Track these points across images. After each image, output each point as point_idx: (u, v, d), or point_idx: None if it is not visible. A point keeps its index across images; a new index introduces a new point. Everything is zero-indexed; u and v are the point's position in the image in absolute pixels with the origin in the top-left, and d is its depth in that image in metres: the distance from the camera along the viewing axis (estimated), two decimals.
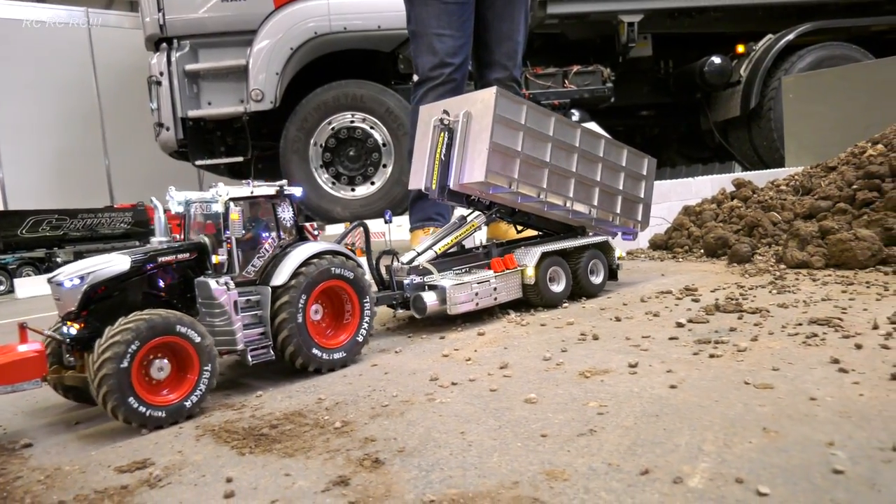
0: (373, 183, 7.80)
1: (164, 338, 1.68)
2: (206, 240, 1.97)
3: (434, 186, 2.71)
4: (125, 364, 1.61)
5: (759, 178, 4.73)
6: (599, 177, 3.01)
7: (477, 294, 2.52)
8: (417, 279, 2.53)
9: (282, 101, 7.55)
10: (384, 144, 7.74)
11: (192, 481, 1.38)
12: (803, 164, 4.93)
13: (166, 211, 2.05)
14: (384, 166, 7.81)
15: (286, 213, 2.09)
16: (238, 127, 7.81)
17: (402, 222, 5.69)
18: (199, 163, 7.91)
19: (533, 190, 2.79)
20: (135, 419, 1.65)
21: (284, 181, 2.09)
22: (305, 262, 2.00)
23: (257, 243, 2.00)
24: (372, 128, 7.69)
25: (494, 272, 2.60)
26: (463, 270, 2.67)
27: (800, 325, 2.13)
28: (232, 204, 1.90)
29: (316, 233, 2.18)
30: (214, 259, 1.91)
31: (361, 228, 2.50)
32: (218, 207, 1.92)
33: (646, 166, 3.24)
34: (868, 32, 8.96)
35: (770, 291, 2.67)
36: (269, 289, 1.96)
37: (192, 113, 7.57)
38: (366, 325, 2.15)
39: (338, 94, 7.58)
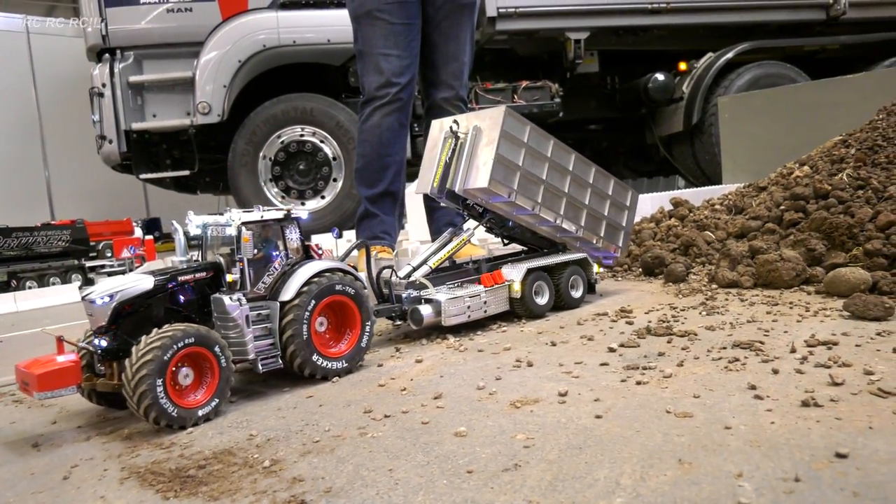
0: (323, 197, 7.77)
1: (197, 348, 1.91)
2: (222, 259, 2.16)
3: (436, 185, 2.96)
4: (164, 361, 1.82)
5: (697, 196, 4.88)
6: (588, 200, 3.26)
7: (469, 307, 2.72)
8: (414, 293, 2.72)
9: (230, 114, 7.45)
10: (334, 158, 7.71)
11: None
12: (739, 182, 5.12)
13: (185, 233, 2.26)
14: (334, 180, 7.78)
15: (293, 234, 2.26)
16: (184, 140, 7.67)
17: (352, 237, 5.67)
18: (143, 176, 7.75)
19: (528, 203, 3.01)
20: (164, 419, 1.84)
21: (292, 205, 2.21)
22: (310, 280, 2.18)
23: (267, 262, 2.19)
24: (322, 141, 7.66)
25: (485, 287, 2.81)
26: (456, 285, 2.87)
27: (724, 348, 2.22)
28: (244, 228, 2.08)
29: (321, 252, 2.35)
30: (228, 278, 2.10)
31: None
32: (231, 231, 2.09)
33: (629, 198, 3.49)
34: (802, 52, 9.38)
35: (700, 313, 2.76)
36: (278, 304, 2.14)
37: (137, 125, 7.41)
38: (367, 336, 2.34)
39: (287, 108, 7.53)
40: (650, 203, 5.01)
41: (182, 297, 2.11)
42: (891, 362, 1.92)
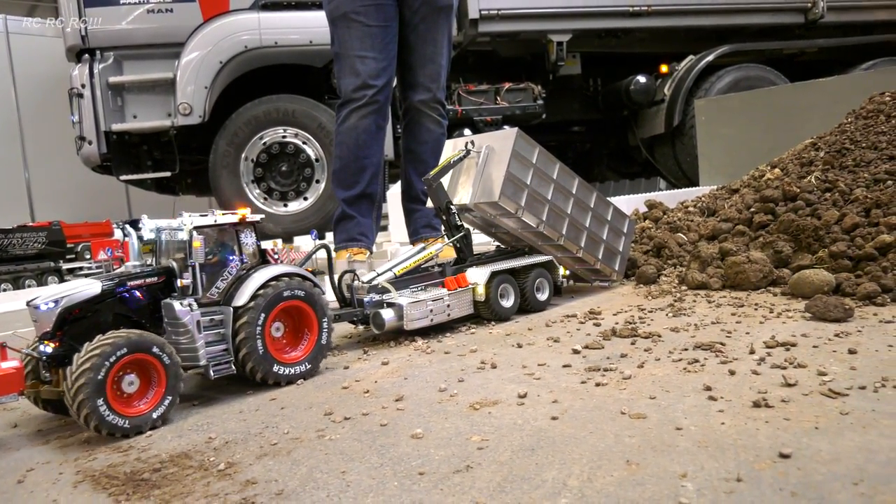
0: (305, 198, 7.75)
1: (138, 355, 1.88)
2: (175, 264, 2.13)
3: (433, 174, 3.03)
4: (101, 376, 1.79)
5: (672, 198, 4.92)
6: (588, 223, 3.34)
7: (432, 311, 2.72)
8: (377, 297, 2.71)
9: (211, 115, 7.42)
10: (317, 160, 7.71)
11: None
12: (716, 184, 5.17)
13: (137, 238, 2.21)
14: (317, 182, 7.77)
15: (249, 239, 2.24)
16: (165, 141, 7.63)
17: (332, 239, 5.67)
18: (123, 178, 7.70)
19: (534, 220, 3.09)
20: (105, 428, 1.82)
21: (248, 209, 2.23)
22: (265, 284, 2.15)
23: (222, 267, 2.17)
24: (304, 143, 7.65)
25: (448, 290, 2.81)
26: (419, 288, 2.87)
27: (685, 350, 2.24)
28: (195, 232, 2.05)
29: (276, 256, 2.34)
30: (179, 282, 2.07)
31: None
32: (184, 235, 2.06)
33: (626, 225, 3.57)
34: (781, 55, 9.49)
35: (667, 314, 2.79)
36: (231, 309, 2.11)
37: (116, 126, 7.36)
38: (324, 340, 2.32)
39: (269, 109, 7.51)
40: (626, 205, 5.03)
41: (132, 303, 2.08)
42: (844, 363, 1.95)
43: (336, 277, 2.76)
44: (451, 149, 3.28)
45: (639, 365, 2.11)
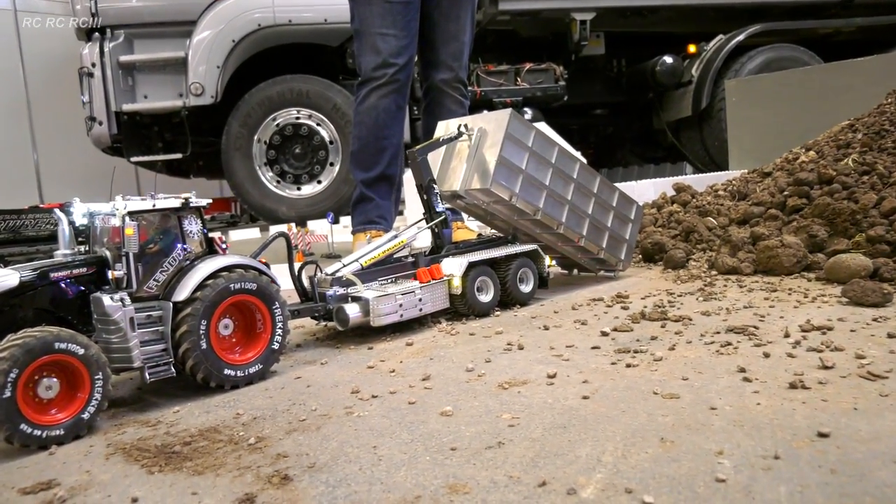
0: (319, 182, 7.81)
1: (44, 358, 1.71)
2: (108, 254, 1.99)
3: (417, 148, 2.97)
4: (8, 394, 1.64)
5: (700, 182, 4.92)
6: (591, 210, 3.26)
7: (401, 305, 2.59)
8: (341, 290, 2.59)
9: (223, 95, 7.49)
10: (331, 142, 7.75)
11: (97, 501, 1.41)
12: (746, 168, 5.15)
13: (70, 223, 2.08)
14: (331, 164, 7.82)
15: (193, 226, 2.11)
16: (176, 122, 7.72)
17: (348, 223, 5.73)
18: (134, 159, 7.79)
19: (530, 207, 3.02)
20: (32, 443, 1.69)
21: (192, 193, 2.12)
22: (211, 277, 2.02)
23: (161, 257, 2.03)
24: (318, 125, 7.70)
25: (420, 283, 2.68)
26: (389, 281, 2.76)
27: (717, 333, 2.27)
28: (127, 218, 1.92)
29: (224, 246, 2.19)
30: (111, 274, 1.94)
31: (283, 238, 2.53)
32: (117, 221, 1.94)
33: (634, 211, 3.49)
34: (816, 35, 9.37)
35: (697, 299, 2.81)
36: (171, 304, 1.98)
37: (127, 107, 7.45)
38: (278, 338, 2.18)
39: (283, 90, 7.56)
40: (653, 189, 5.05)
41: (58, 296, 1.93)
42: (883, 347, 1.97)
43: (297, 268, 2.61)
44: (443, 130, 3.21)
45: (670, 347, 2.14)
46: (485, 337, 2.50)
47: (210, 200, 2.21)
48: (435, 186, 2.99)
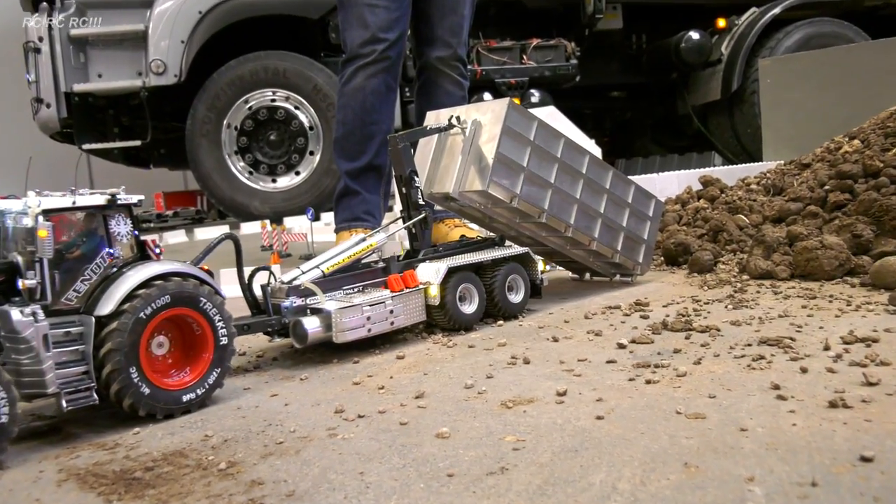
0: (297, 173, 7.83)
1: None
2: (20, 260, 1.90)
3: (400, 134, 2.98)
4: None
5: (730, 174, 4.95)
6: (603, 208, 3.27)
7: (369, 318, 2.55)
8: (298, 301, 2.54)
9: (189, 74, 7.50)
10: (311, 128, 7.77)
11: None
12: (781, 158, 5.19)
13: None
14: (311, 153, 7.83)
15: (121, 227, 2.04)
16: (135, 105, 7.72)
17: (331, 220, 5.75)
18: (86, 147, 7.79)
19: (534, 210, 3.02)
20: None
21: (122, 188, 2.06)
22: (142, 287, 1.97)
23: (83, 264, 1.97)
24: (297, 108, 7.71)
25: (392, 292, 2.64)
26: (355, 290, 2.72)
27: (749, 345, 2.29)
28: (41, 218, 1.84)
29: (158, 250, 2.14)
30: (22, 283, 1.86)
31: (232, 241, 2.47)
32: (29, 221, 1.86)
33: (652, 207, 3.51)
34: (861, 7, 9.41)
35: (726, 307, 2.84)
36: (94, 319, 1.91)
37: (79, 87, 7.45)
38: (222, 359, 2.14)
39: (256, 68, 7.57)
40: (677, 182, 5.08)
41: None
42: None
43: (246, 276, 2.56)
44: (432, 121, 3.19)
45: (695, 361, 2.17)
46: (486, 349, 2.52)
47: (142, 197, 2.16)
48: (417, 179, 2.97)
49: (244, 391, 2.26)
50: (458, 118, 3.01)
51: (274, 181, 7.95)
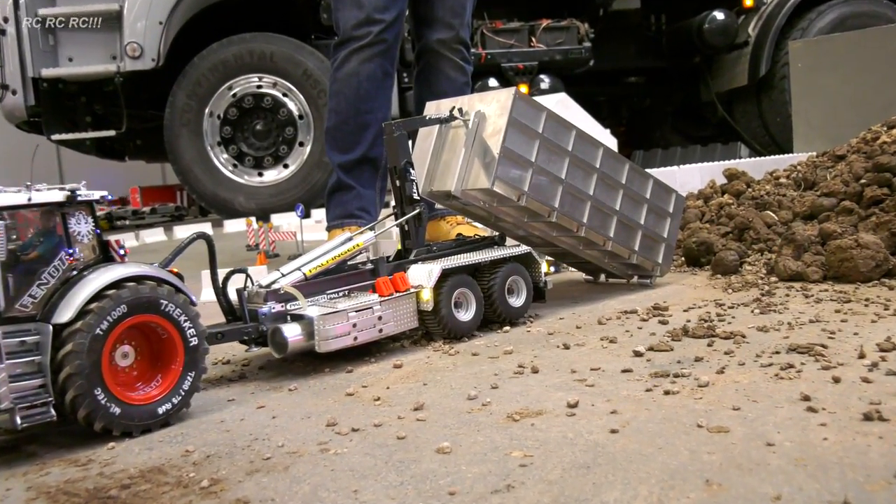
0: (286, 166, 7.85)
1: None
2: None
3: (397, 121, 2.97)
4: None
5: (758, 167, 4.97)
6: (619, 205, 3.28)
7: (355, 325, 2.54)
8: (277, 307, 2.54)
9: (167, 59, 7.52)
10: (301, 117, 7.79)
11: None
12: (814, 150, 5.20)
13: None
14: (300, 144, 7.86)
15: (82, 226, 2.03)
16: (109, 91, 7.74)
17: (322, 217, 5.76)
18: (56, 137, 7.81)
19: (543, 208, 3.03)
20: None
21: (83, 183, 2.05)
22: (104, 292, 1.95)
23: (40, 267, 1.95)
24: (285, 95, 7.73)
25: (380, 296, 2.63)
26: (340, 294, 2.71)
27: (777, 353, 2.30)
28: None
29: (123, 252, 2.13)
30: None
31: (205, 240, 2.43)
32: None
33: (672, 203, 3.53)
34: None
35: (752, 311, 2.85)
36: (51, 327, 1.90)
37: (48, 72, 7.47)
38: (193, 371, 2.13)
39: (241, 52, 7.59)
40: (699, 175, 5.09)
41: None
42: None
43: (221, 279, 2.54)
44: (433, 111, 3.19)
45: (718, 370, 2.18)
46: (491, 357, 2.53)
47: (106, 193, 2.13)
48: (411, 172, 2.96)
49: (228, 403, 2.27)
50: (459, 110, 3.01)
51: (260, 175, 7.97)
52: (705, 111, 10.32)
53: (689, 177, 5.13)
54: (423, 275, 2.74)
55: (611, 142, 6.60)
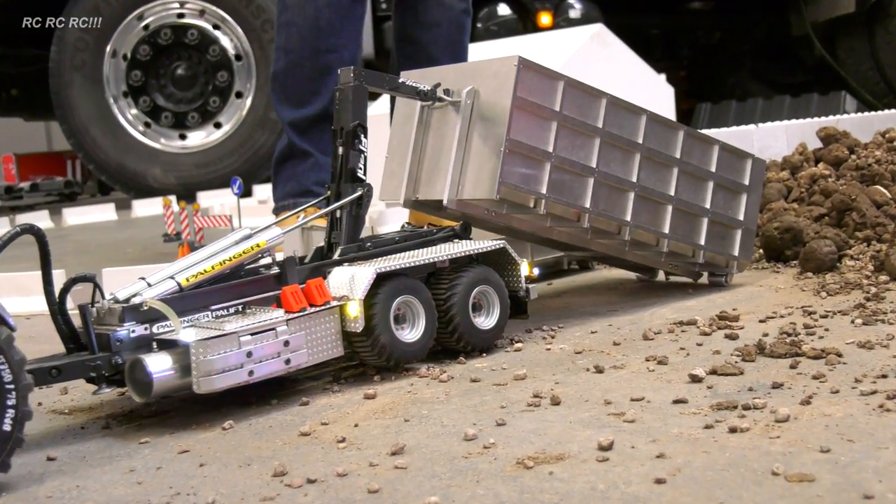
0: (218, 125, 7.85)
1: None
2: None
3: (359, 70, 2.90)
4: None
5: (866, 125, 4.99)
6: (674, 189, 3.31)
7: (250, 355, 2.43)
8: (139, 330, 2.43)
9: None
10: (238, 57, 7.80)
11: None
12: None
13: None
14: (238, 96, 7.86)
15: None
16: None
17: (268, 194, 5.80)
18: None
19: (570, 212, 3.07)
20: None
21: None
22: None
23: None
24: (216, 28, 7.74)
25: (287, 312, 2.54)
26: (230, 311, 2.60)
27: (883, 377, 2.34)
28: None
29: None
30: None
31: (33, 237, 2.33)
32: None
33: (748, 172, 3.55)
34: None
35: (853, 321, 2.89)
36: None
37: None
38: (9, 416, 2.05)
39: None
40: (785, 137, 5.12)
41: None
42: None
43: (57, 292, 2.43)
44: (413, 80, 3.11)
45: (803, 400, 2.22)
46: (496, 385, 2.56)
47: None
48: (363, 138, 2.87)
49: (140, 446, 2.30)
50: (446, 90, 2.99)
51: (182, 137, 7.98)
52: (797, 49, 10.32)
53: (770, 139, 5.13)
54: (350, 281, 2.62)
55: (666, 92, 6.62)
